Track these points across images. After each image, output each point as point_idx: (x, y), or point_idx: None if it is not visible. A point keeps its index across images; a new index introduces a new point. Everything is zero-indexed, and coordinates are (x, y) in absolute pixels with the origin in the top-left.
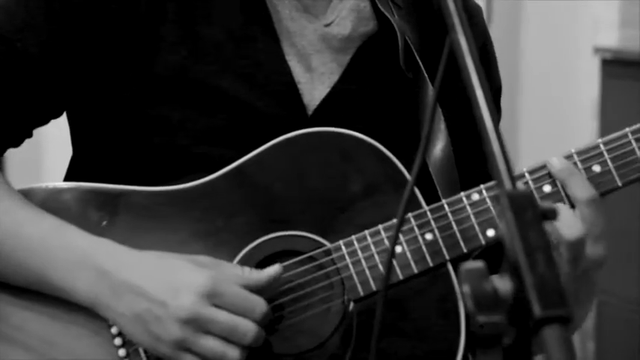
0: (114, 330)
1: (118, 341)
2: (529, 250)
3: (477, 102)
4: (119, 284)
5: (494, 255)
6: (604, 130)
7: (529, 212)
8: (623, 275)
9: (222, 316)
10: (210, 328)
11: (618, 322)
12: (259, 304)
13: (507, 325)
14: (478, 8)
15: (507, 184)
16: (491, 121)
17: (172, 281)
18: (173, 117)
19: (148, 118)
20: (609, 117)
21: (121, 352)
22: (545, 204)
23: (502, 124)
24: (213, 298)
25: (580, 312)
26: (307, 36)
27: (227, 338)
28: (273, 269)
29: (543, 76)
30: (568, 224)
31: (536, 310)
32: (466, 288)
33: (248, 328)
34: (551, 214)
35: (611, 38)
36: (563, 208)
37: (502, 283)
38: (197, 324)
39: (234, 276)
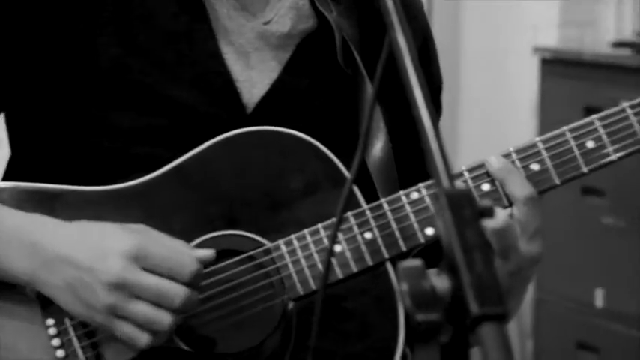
0: (52, 331)
1: (56, 342)
2: (466, 249)
3: (416, 101)
4: (51, 256)
5: (434, 253)
6: (543, 129)
7: (467, 210)
8: (560, 273)
9: (150, 280)
10: (139, 293)
11: (556, 320)
12: (189, 265)
13: (445, 323)
14: (419, 2)
15: (445, 183)
16: (429, 119)
17: (100, 247)
18: (112, 117)
19: (87, 118)
20: (548, 116)
21: (60, 352)
22: (483, 202)
23: (441, 123)
24: (140, 260)
25: (513, 304)
26: (245, 34)
27: (157, 303)
28: (207, 251)
29: (483, 75)
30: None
31: (474, 307)
32: (404, 286)
33: (176, 291)
34: (489, 213)
35: (550, 38)
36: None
37: (440, 281)
38: (125, 288)
39: (163, 244)
